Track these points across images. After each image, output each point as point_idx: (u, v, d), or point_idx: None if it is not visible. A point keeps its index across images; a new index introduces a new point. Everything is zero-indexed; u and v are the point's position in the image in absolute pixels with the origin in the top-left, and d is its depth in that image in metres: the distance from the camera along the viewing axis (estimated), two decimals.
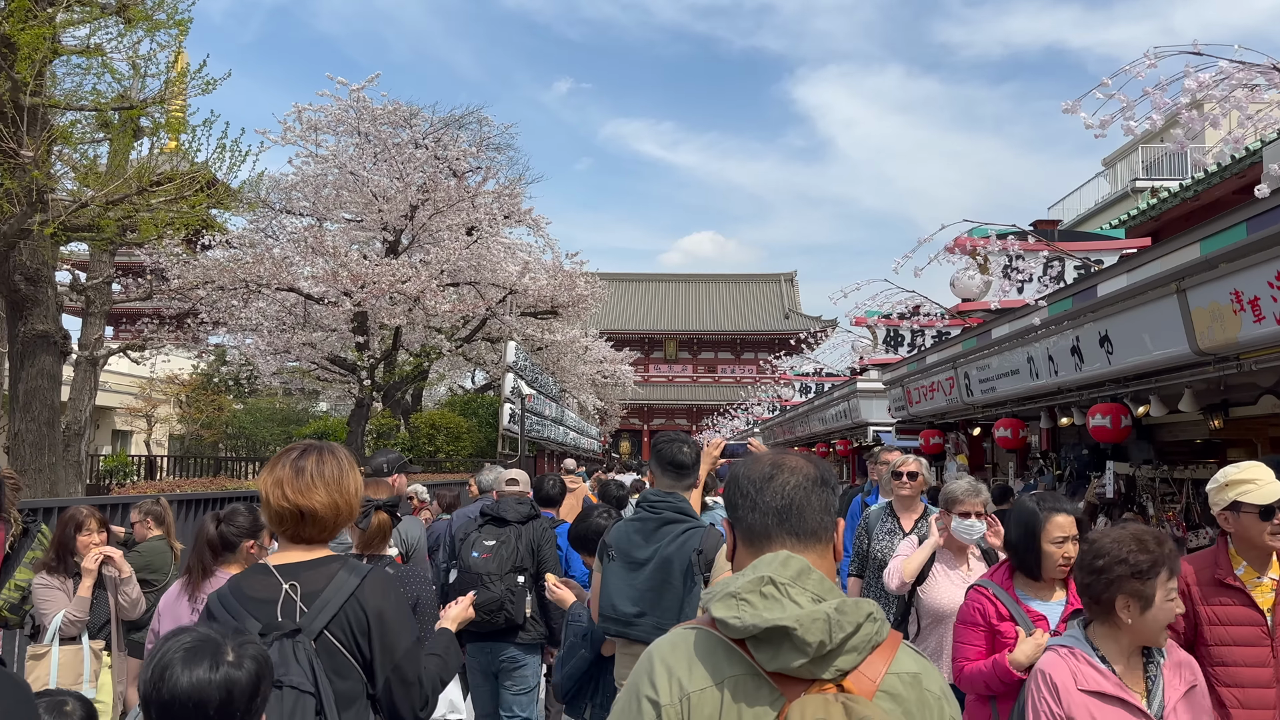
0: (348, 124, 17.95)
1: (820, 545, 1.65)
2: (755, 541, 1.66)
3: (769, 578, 1.52)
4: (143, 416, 24.01)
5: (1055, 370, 7.97)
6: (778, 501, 1.66)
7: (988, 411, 10.48)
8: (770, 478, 1.68)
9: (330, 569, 2.41)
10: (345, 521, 2.52)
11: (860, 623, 1.49)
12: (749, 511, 1.68)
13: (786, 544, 1.63)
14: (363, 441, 18.34)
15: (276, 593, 2.36)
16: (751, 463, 1.74)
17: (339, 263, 16.02)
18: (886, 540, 5.33)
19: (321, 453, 2.49)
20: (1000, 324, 8.88)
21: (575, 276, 21.23)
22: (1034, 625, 3.31)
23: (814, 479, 1.69)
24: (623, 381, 43.46)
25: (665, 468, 3.84)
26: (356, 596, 2.38)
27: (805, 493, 1.67)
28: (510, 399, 21.07)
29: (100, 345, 16.48)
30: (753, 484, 1.69)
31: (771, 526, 1.65)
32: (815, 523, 1.65)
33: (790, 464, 1.71)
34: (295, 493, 2.40)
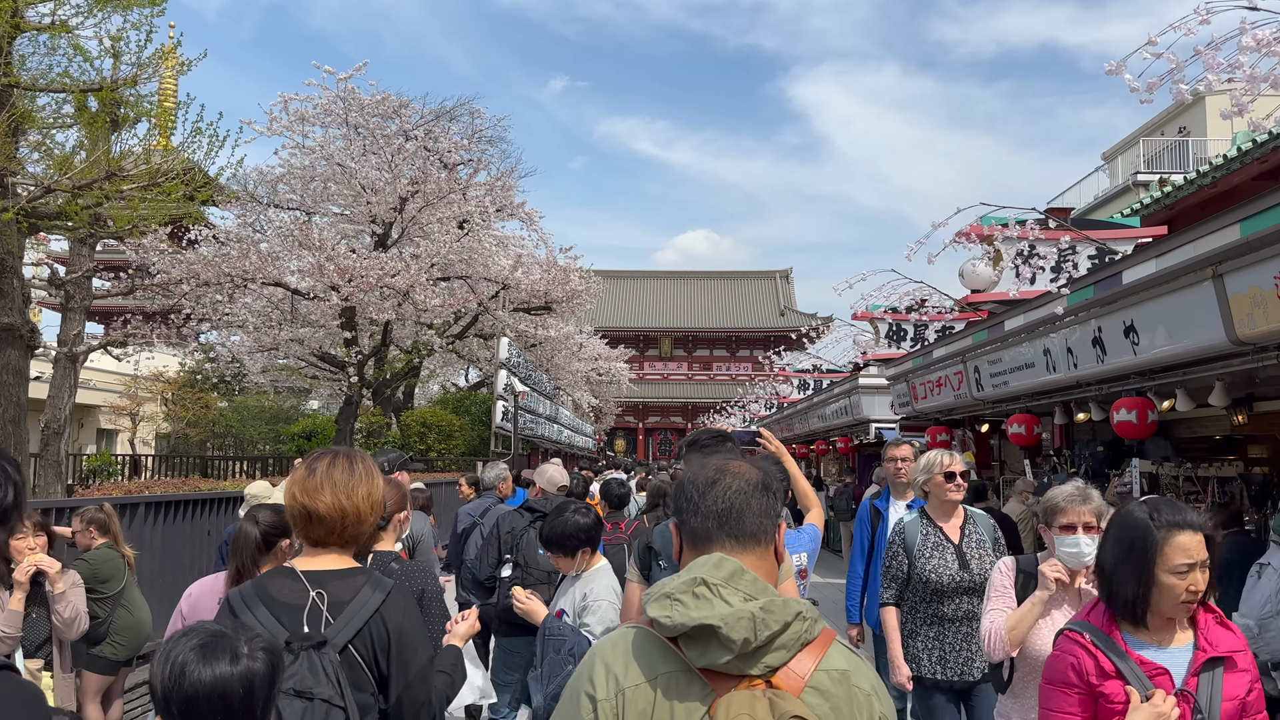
0: (335, 115, 17.48)
1: (760, 547, 1.72)
2: (697, 543, 1.74)
3: (701, 579, 1.58)
4: (127, 415, 23.54)
5: (1074, 363, 7.58)
6: (719, 505, 1.73)
7: (998, 407, 10.09)
8: (713, 482, 1.76)
9: (357, 581, 2.43)
10: (355, 526, 2.49)
11: (788, 621, 1.54)
12: (692, 515, 1.75)
13: (726, 546, 1.70)
14: (351, 440, 17.90)
15: (304, 599, 2.36)
16: (698, 468, 1.82)
17: (325, 256, 15.57)
18: (936, 558, 4.40)
19: (337, 457, 2.52)
20: (1014, 315, 8.48)
21: (569, 271, 20.79)
22: (1150, 683, 2.41)
23: (755, 484, 1.76)
24: (617, 379, 43.07)
25: None
26: (382, 613, 2.40)
27: (746, 497, 1.74)
28: (503, 396, 20.67)
29: (80, 341, 16.00)
30: (696, 488, 1.76)
31: (712, 529, 1.72)
32: (755, 525, 1.72)
33: (734, 469, 1.79)
34: (303, 493, 2.44)
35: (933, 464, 4.56)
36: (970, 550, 4.45)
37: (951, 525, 4.53)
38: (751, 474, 1.79)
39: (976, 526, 4.56)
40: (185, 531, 7.35)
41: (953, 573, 4.37)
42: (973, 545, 4.47)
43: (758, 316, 63.02)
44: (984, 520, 4.64)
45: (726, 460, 1.86)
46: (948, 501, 4.51)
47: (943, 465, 4.52)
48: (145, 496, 6.88)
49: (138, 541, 6.75)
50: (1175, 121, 30.34)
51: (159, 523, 7.02)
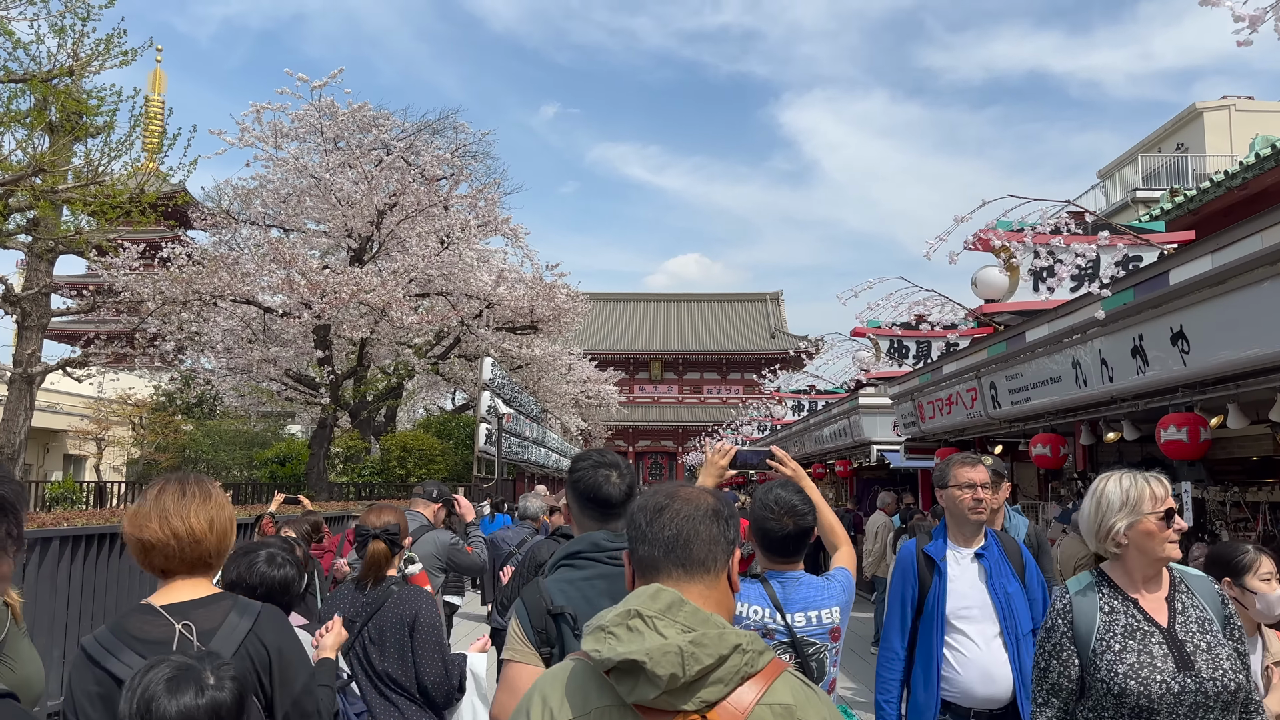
0: (310, 124, 16.72)
1: (709, 576, 1.68)
2: (645, 573, 1.70)
3: (636, 610, 1.53)
4: (92, 440, 22.57)
5: (1109, 375, 6.81)
6: (666, 533, 1.69)
7: (1015, 426, 9.31)
8: (661, 509, 1.72)
9: (223, 606, 2.38)
10: (193, 549, 2.39)
11: (725, 655, 1.49)
12: (640, 543, 1.72)
13: (674, 575, 1.67)
14: (324, 466, 17.01)
15: (170, 633, 2.29)
16: (649, 495, 1.78)
17: (296, 270, 14.75)
18: (1135, 654, 2.60)
19: (167, 484, 2.46)
20: (1037, 325, 7.72)
21: (555, 288, 20.00)
22: None
23: (706, 510, 1.72)
24: (607, 402, 42.28)
25: (585, 504, 2.73)
26: (256, 633, 2.35)
27: (694, 524, 1.69)
28: (486, 418, 19.79)
29: (36, 361, 15.13)
30: (645, 515, 1.73)
31: (659, 558, 1.69)
32: (703, 553, 1.68)
33: (685, 495, 1.75)
34: (131, 524, 2.39)
35: (1141, 498, 2.66)
36: (1190, 637, 2.63)
37: (1154, 598, 2.71)
38: (703, 500, 1.75)
39: (1193, 595, 2.74)
40: (111, 570, 6.49)
41: (1167, 677, 2.55)
42: (1193, 629, 2.64)
43: (749, 339, 62.41)
44: (1202, 584, 2.79)
45: (678, 487, 1.80)
46: (1159, 559, 2.68)
47: (1157, 499, 2.67)
48: (60, 530, 6.01)
49: (51, 582, 5.90)
50: (1173, 138, 29.87)
51: (78, 560, 6.15)
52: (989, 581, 3.79)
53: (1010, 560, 3.90)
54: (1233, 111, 28.44)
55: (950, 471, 3.90)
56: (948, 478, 3.90)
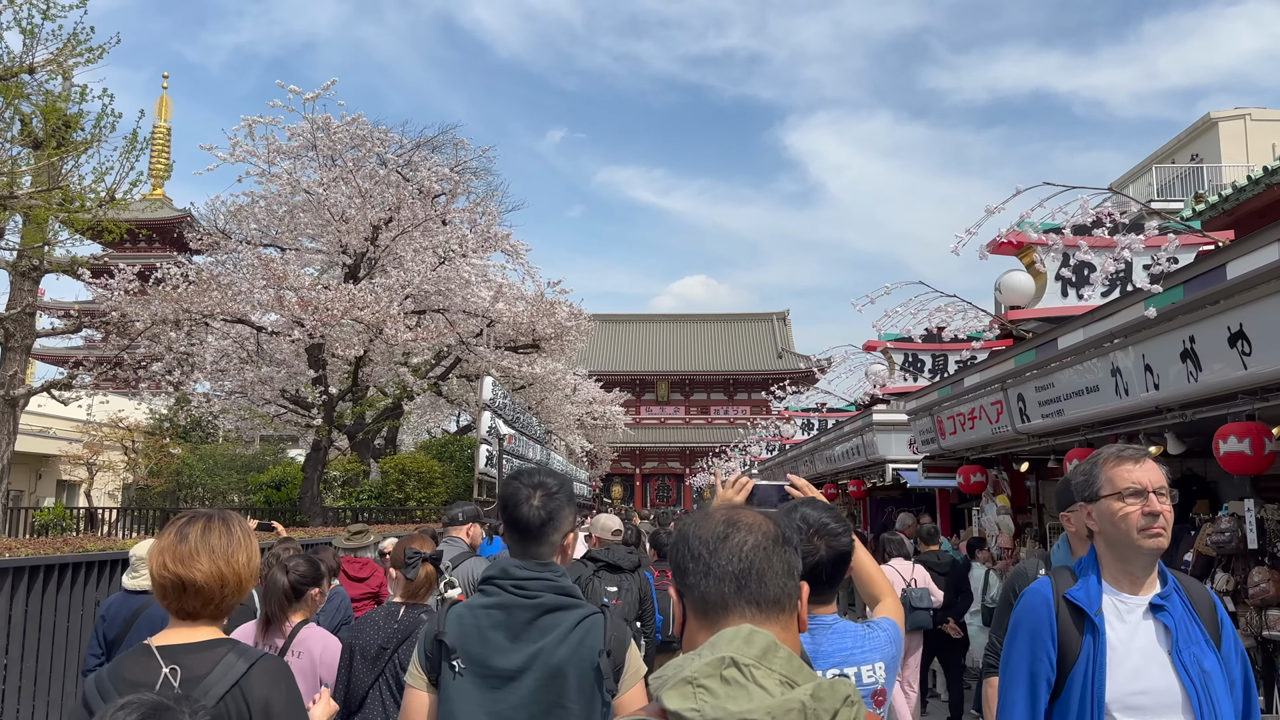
0: (303, 138, 16.24)
1: (784, 616, 1.45)
2: (710, 613, 1.45)
3: (731, 658, 1.26)
4: (83, 465, 22.03)
5: (1154, 383, 6.21)
6: (735, 565, 1.44)
7: (1045, 441, 8.69)
8: (725, 537, 1.47)
9: (217, 653, 2.24)
10: (233, 595, 2.33)
11: (837, 709, 1.26)
12: (701, 578, 1.46)
13: (746, 615, 1.42)
14: (319, 489, 16.43)
15: (155, 676, 2.20)
16: (701, 520, 1.53)
17: (286, 286, 14.23)
18: None
19: (211, 520, 2.36)
20: (1070, 330, 7.13)
21: (556, 305, 19.44)
22: None
23: (775, 538, 1.49)
24: (613, 423, 41.71)
25: (505, 524, 2.57)
26: (241, 686, 2.21)
27: (766, 554, 1.46)
28: (487, 440, 19.20)
29: (19, 383, 14.61)
30: (705, 545, 1.48)
31: (729, 595, 1.44)
32: (778, 589, 1.45)
33: (747, 521, 1.51)
34: (175, 561, 2.27)
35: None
36: None
37: None
38: (768, 525, 1.51)
39: None
40: (62, 604, 5.91)
41: None
42: None
43: (755, 359, 61.85)
44: None
45: (733, 510, 1.53)
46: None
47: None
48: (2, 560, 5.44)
49: None
50: (1187, 149, 29.33)
51: (22, 593, 5.58)
52: (1175, 653, 2.38)
53: (1200, 616, 2.48)
54: (1248, 121, 27.90)
55: (1102, 473, 2.50)
56: (1097, 482, 2.49)
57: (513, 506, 2.51)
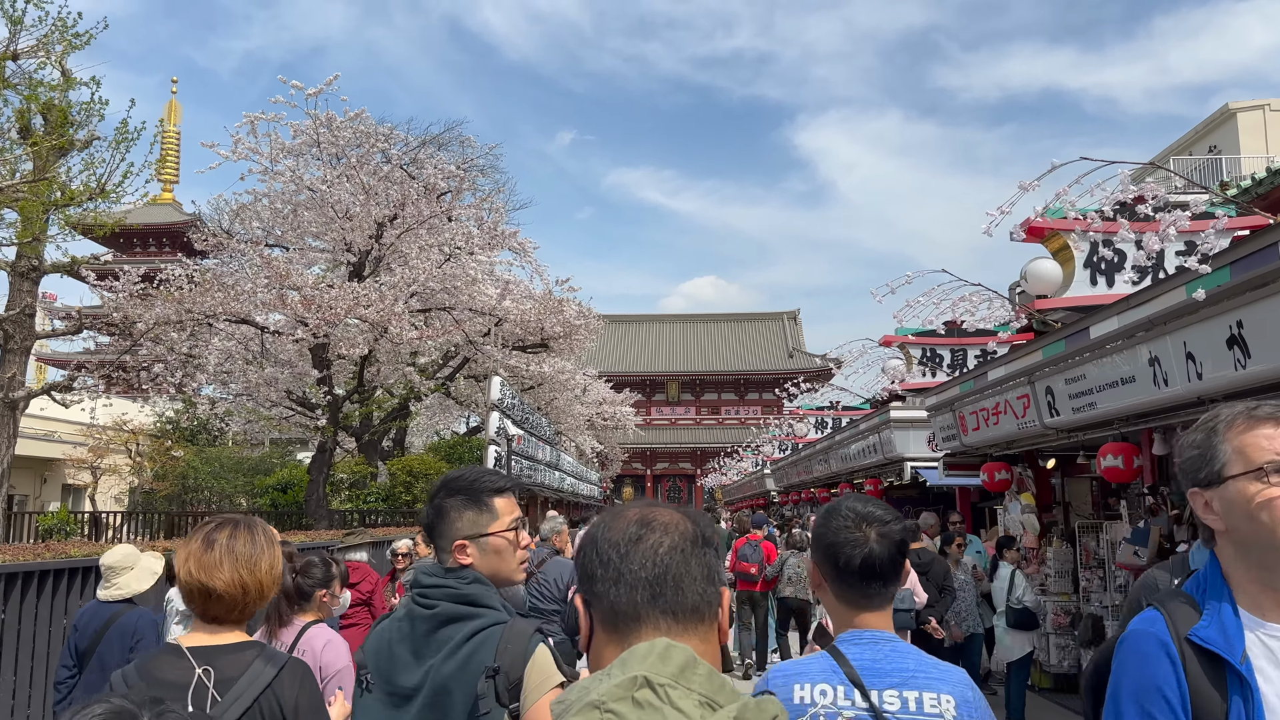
0: (306, 135, 15.95)
1: (703, 626, 1.29)
2: (621, 625, 1.28)
3: (644, 678, 1.11)
4: (87, 468, 21.80)
5: (1198, 372, 5.85)
6: (649, 570, 1.28)
7: (1074, 437, 8.33)
8: (638, 539, 1.31)
9: (247, 656, 2.31)
10: (255, 601, 2.37)
11: None
12: (611, 585, 1.29)
13: (661, 626, 1.26)
14: (324, 492, 16.14)
15: (189, 677, 2.24)
16: (612, 520, 1.37)
17: (289, 285, 13.95)
18: None
19: (237, 527, 2.40)
20: (1103, 319, 6.77)
21: (564, 303, 19.11)
22: None
23: (693, 538, 1.33)
24: (623, 424, 41.41)
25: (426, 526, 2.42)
26: (273, 688, 2.28)
27: (684, 557, 1.30)
28: (495, 440, 18.90)
29: (18, 386, 14.36)
30: (615, 548, 1.31)
31: (641, 604, 1.27)
32: (697, 596, 1.29)
33: (663, 520, 1.34)
34: (200, 569, 2.31)
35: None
36: None
37: None
38: (685, 525, 1.34)
39: None
40: (42, 613, 5.60)
41: None
42: None
43: (766, 359, 61.51)
44: None
45: (648, 508, 1.37)
46: None
47: None
48: None
49: None
50: (1204, 141, 28.84)
51: None
52: None
53: None
54: (1267, 112, 27.39)
55: (1226, 442, 1.73)
56: (1220, 456, 1.72)
57: (430, 504, 2.40)
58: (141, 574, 4.19)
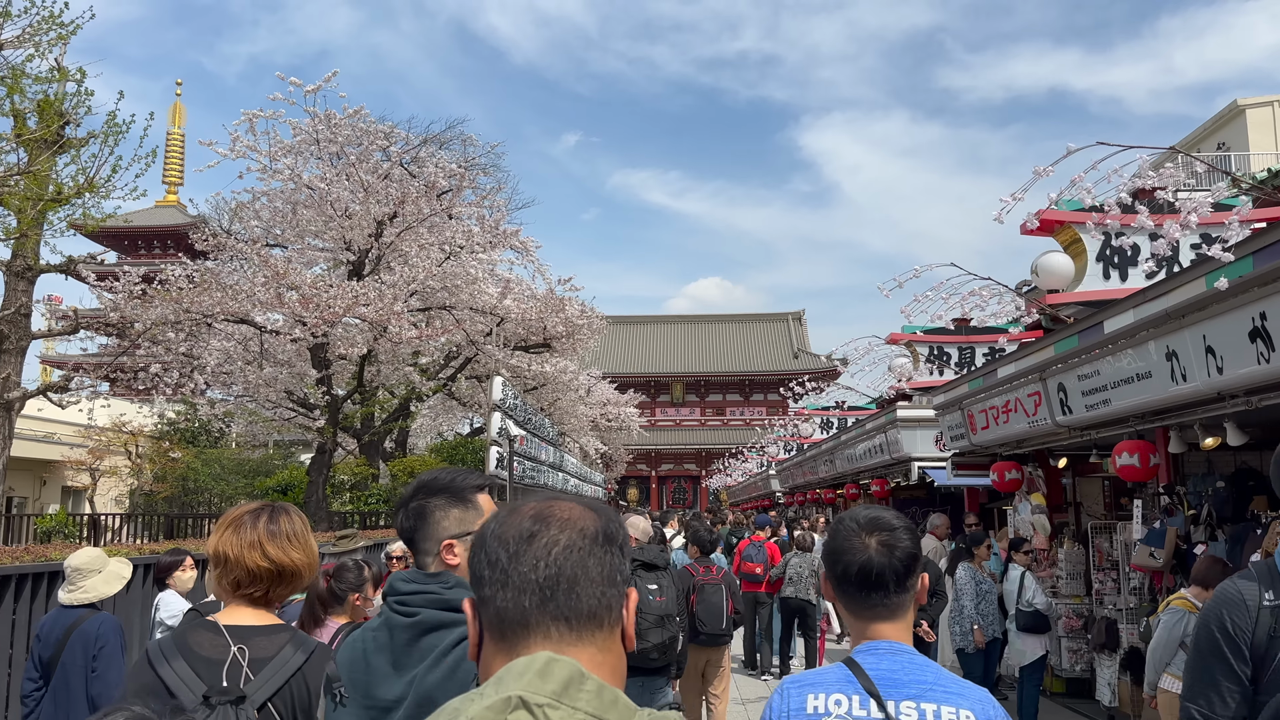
0: (305, 133, 15.78)
1: (602, 633, 1.17)
2: (509, 633, 1.16)
3: (519, 698, 1.02)
4: (85, 470, 21.63)
5: (1218, 366, 5.63)
6: (541, 572, 1.16)
7: (1086, 435, 8.11)
8: (531, 537, 1.19)
9: (280, 638, 2.39)
10: (300, 582, 2.50)
11: None
12: (498, 589, 1.17)
13: (553, 634, 1.15)
14: (324, 493, 15.96)
15: (225, 654, 2.31)
16: (506, 517, 1.24)
17: (286, 283, 13.77)
18: None
19: (288, 513, 2.51)
20: (1118, 312, 6.55)
21: (567, 302, 18.92)
22: None
23: (593, 535, 1.20)
24: (628, 425, 41.22)
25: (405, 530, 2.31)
26: (304, 673, 2.33)
27: (581, 556, 1.18)
28: (497, 441, 18.70)
29: (14, 387, 14.19)
30: (505, 547, 1.19)
31: (530, 609, 1.15)
32: (595, 600, 1.17)
33: (561, 515, 1.22)
34: (279, 551, 2.41)
35: None
36: None
37: None
38: (586, 520, 1.22)
39: None
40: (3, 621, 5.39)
41: None
42: None
43: (771, 360, 61.25)
44: None
45: (548, 502, 1.24)
46: None
47: None
48: None
49: None
50: (1213, 137, 28.58)
51: None
52: None
53: None
54: (1277, 108, 27.12)
55: None
56: None
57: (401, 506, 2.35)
58: (109, 578, 4.01)
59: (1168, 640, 5.74)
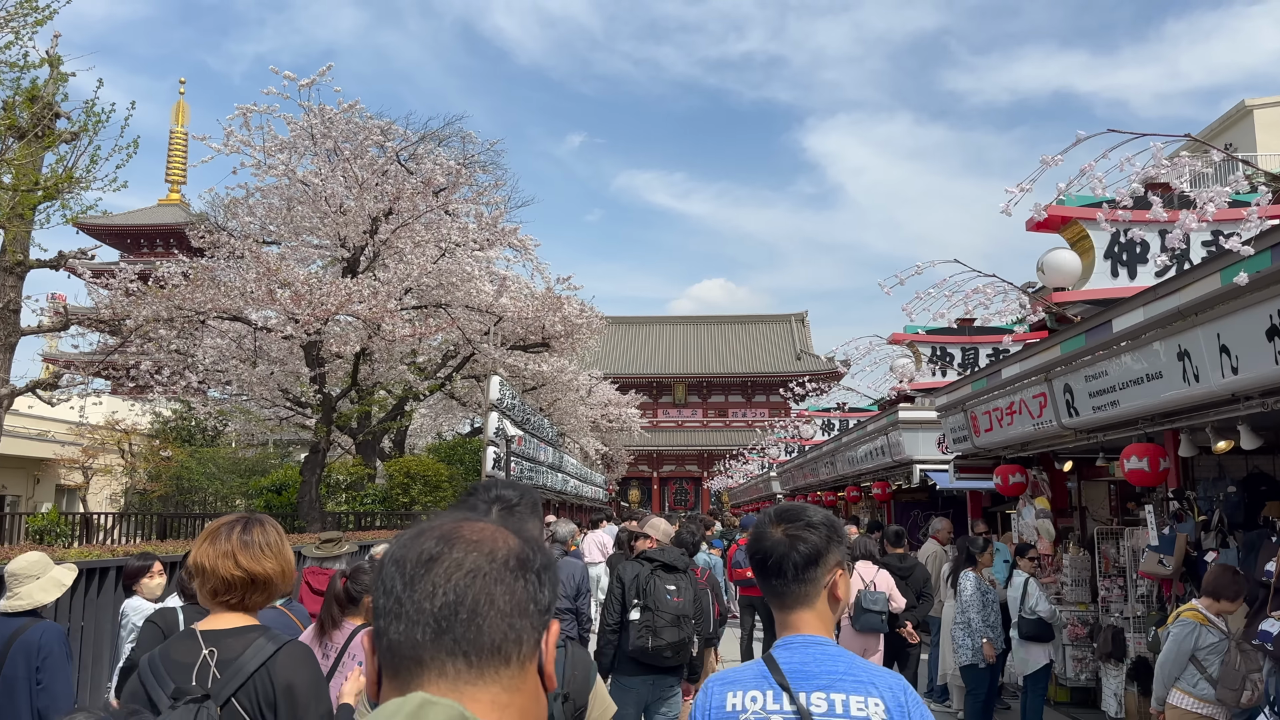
0: (300, 128, 15.56)
1: (508, 671, 1.03)
2: (401, 670, 1.03)
3: None
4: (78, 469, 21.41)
5: (1233, 366, 5.38)
6: (436, 600, 1.03)
7: (1092, 438, 7.86)
8: (432, 560, 1.06)
9: (250, 637, 2.45)
10: (286, 587, 2.62)
11: None
12: (391, 620, 1.04)
13: (448, 671, 1.01)
14: (317, 493, 15.74)
15: (196, 657, 2.40)
16: (410, 538, 1.10)
17: (278, 281, 13.55)
18: None
19: (263, 524, 2.61)
20: (1127, 311, 6.31)
21: (566, 301, 18.68)
22: None
23: (504, 560, 1.07)
24: (629, 426, 41.01)
25: None
26: (268, 667, 2.39)
27: (486, 582, 1.05)
28: (494, 441, 18.48)
29: (2, 384, 13.99)
30: (401, 571, 1.06)
31: (424, 643, 1.02)
32: (500, 633, 1.03)
33: (469, 536, 1.08)
34: (251, 560, 2.50)
35: None
36: None
37: None
38: (497, 543, 1.08)
39: None
40: None
41: None
42: None
43: (774, 361, 61.02)
44: None
45: (459, 522, 1.10)
46: None
47: None
48: None
49: None
50: (1220, 138, 28.30)
51: None
52: None
53: None
54: None
55: None
56: None
57: None
58: (48, 585, 3.78)
59: (1177, 653, 5.49)
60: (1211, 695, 5.34)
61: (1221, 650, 5.26)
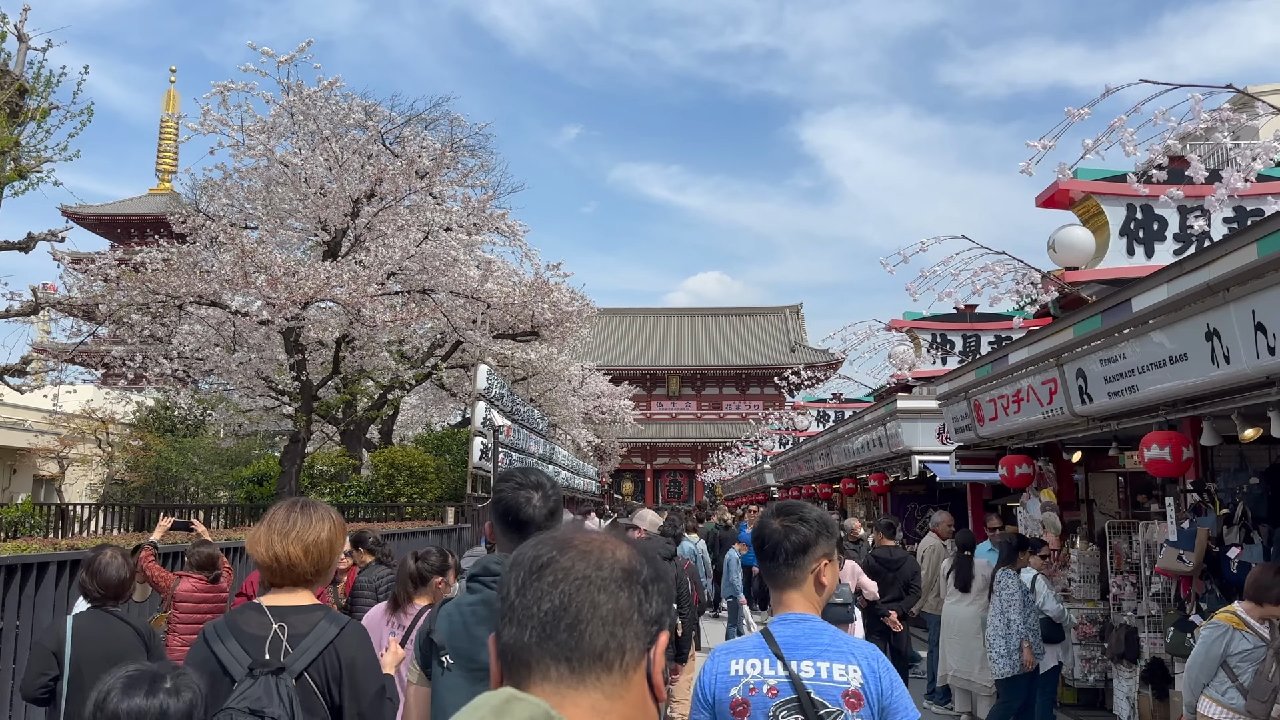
0: (280, 107, 15.04)
1: (610, 678, 1.08)
2: (512, 671, 1.10)
3: None
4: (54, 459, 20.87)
5: (1269, 346, 4.92)
6: (544, 605, 1.10)
7: (1106, 426, 7.40)
8: (544, 567, 1.12)
9: (315, 616, 2.63)
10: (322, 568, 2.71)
11: None
12: (505, 622, 1.12)
13: (551, 675, 1.07)
14: (297, 484, 15.24)
15: (267, 630, 2.57)
16: (530, 545, 1.17)
17: (254, 264, 13.05)
18: None
19: (304, 507, 2.74)
20: (1148, 288, 5.84)
21: (555, 288, 18.17)
22: None
23: (613, 570, 1.12)
24: (622, 418, 40.58)
25: (506, 526, 2.64)
26: (335, 644, 2.57)
27: (592, 590, 1.10)
28: (481, 431, 17.99)
29: None
30: (517, 577, 1.13)
31: (530, 647, 1.08)
32: (602, 641, 1.08)
33: (580, 545, 1.14)
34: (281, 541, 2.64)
35: None
36: None
37: None
38: (607, 553, 1.13)
39: None
40: None
41: None
42: None
43: (768, 353, 60.64)
44: None
45: (575, 533, 1.17)
46: None
47: None
48: None
49: None
50: None
51: None
52: None
53: None
54: None
55: None
56: None
57: (516, 507, 2.62)
58: None
59: (1205, 658, 5.04)
60: (1241, 705, 4.90)
61: (1257, 658, 4.81)
